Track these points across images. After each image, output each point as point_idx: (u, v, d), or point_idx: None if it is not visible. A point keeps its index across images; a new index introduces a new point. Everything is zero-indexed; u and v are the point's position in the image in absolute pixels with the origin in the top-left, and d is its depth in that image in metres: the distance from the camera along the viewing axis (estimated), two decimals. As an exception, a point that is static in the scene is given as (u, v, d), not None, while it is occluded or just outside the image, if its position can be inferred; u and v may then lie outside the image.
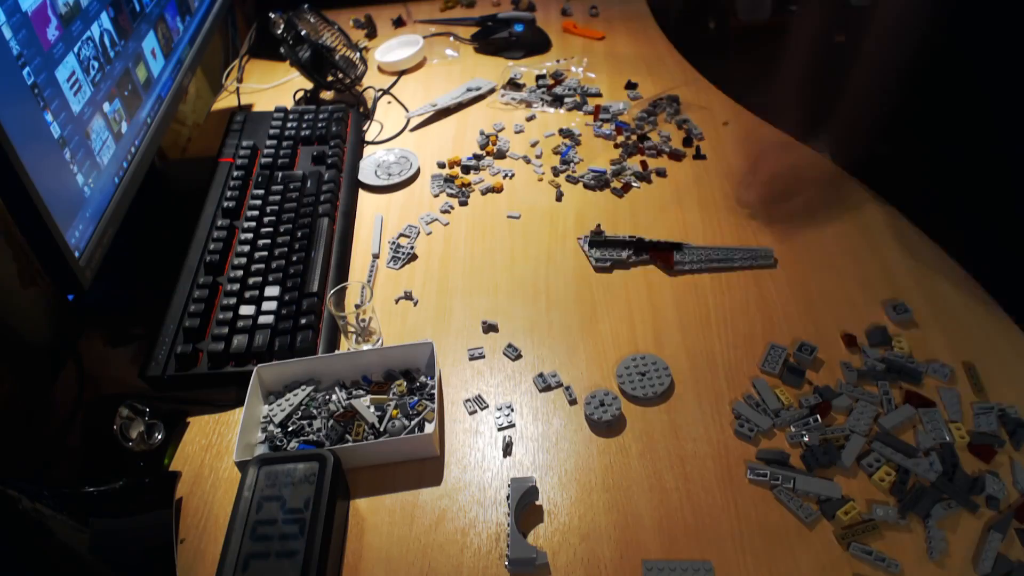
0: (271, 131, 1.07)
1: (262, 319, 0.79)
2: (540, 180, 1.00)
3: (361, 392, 0.73)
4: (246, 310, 0.80)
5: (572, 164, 1.02)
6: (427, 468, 0.68)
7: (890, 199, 0.90)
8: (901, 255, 0.83)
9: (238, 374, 0.75)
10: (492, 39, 1.29)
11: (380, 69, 1.29)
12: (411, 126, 1.13)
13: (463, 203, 0.97)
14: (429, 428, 0.69)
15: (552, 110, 1.13)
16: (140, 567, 0.61)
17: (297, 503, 0.59)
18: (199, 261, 0.88)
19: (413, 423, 0.70)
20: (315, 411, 0.72)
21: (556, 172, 1.01)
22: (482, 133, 1.09)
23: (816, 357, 0.73)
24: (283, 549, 0.56)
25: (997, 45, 0.74)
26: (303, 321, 0.79)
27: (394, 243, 0.92)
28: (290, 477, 0.61)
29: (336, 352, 0.77)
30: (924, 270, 0.81)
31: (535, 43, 1.30)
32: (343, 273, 0.88)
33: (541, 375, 0.75)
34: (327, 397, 0.73)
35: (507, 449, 0.69)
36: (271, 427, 0.70)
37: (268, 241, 0.89)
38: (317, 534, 0.57)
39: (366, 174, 1.03)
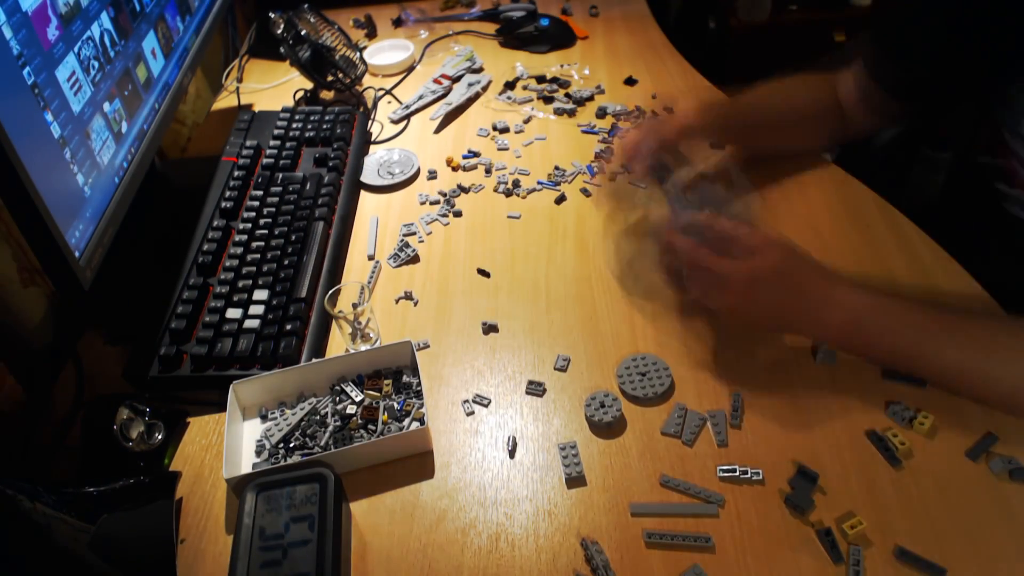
0: (276, 131, 1.07)
1: (248, 323, 0.79)
2: (541, 191, 1.00)
3: (355, 391, 0.73)
4: (233, 313, 0.80)
5: (569, 175, 1.02)
6: (419, 463, 0.69)
7: (891, 199, 0.90)
8: (901, 254, 0.83)
9: (219, 378, 0.75)
10: (517, 33, 1.30)
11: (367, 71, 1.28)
12: (433, 129, 1.13)
13: (457, 214, 0.96)
14: (419, 424, 0.70)
15: (554, 117, 1.13)
16: (140, 567, 0.61)
17: (301, 525, 0.58)
18: (192, 262, 0.88)
19: (406, 422, 0.70)
20: (319, 417, 0.72)
21: (556, 181, 1.00)
22: (481, 134, 1.10)
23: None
24: (294, 573, 0.56)
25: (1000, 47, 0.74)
26: (288, 327, 0.78)
27: (402, 240, 0.92)
28: (290, 500, 0.60)
29: (313, 361, 0.76)
30: (924, 270, 0.81)
31: (561, 37, 1.30)
32: (336, 277, 0.88)
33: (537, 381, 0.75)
34: (336, 401, 0.73)
35: (512, 451, 0.69)
36: (268, 446, 0.70)
37: (262, 244, 0.88)
38: (327, 555, 0.57)
39: (368, 174, 1.03)
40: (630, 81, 1.18)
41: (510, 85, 1.20)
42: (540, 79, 1.20)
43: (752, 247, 0.67)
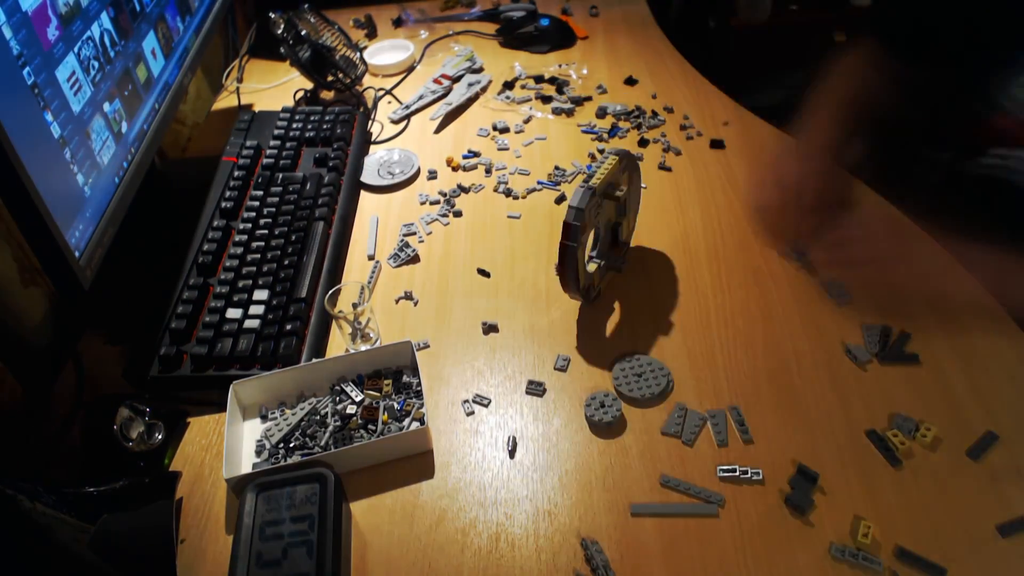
0: (276, 131, 1.07)
1: (248, 323, 0.79)
2: (540, 190, 1.00)
3: (355, 391, 0.73)
4: (233, 313, 0.80)
5: (569, 175, 1.02)
6: (419, 463, 0.69)
7: (890, 198, 0.90)
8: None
9: (219, 378, 0.75)
10: (517, 33, 1.30)
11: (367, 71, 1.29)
12: (433, 129, 1.13)
13: (457, 214, 0.96)
14: (419, 424, 0.70)
15: (552, 116, 1.13)
16: (140, 567, 0.61)
17: (301, 525, 0.58)
18: (192, 262, 0.87)
19: (405, 422, 0.70)
20: (319, 418, 0.72)
21: (556, 181, 1.00)
22: (482, 134, 1.10)
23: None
24: (294, 573, 0.56)
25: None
26: (288, 327, 0.78)
27: (402, 240, 0.92)
28: (290, 500, 0.60)
29: (313, 361, 0.76)
30: (924, 269, 0.81)
31: (561, 37, 1.31)
32: (336, 277, 0.88)
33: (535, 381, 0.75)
34: (336, 401, 0.73)
35: (512, 452, 0.69)
36: (268, 446, 0.70)
37: (262, 244, 0.88)
38: (327, 555, 0.57)
39: (368, 174, 1.03)
40: (630, 81, 1.18)
41: (509, 85, 1.20)
42: (539, 79, 1.20)
43: None
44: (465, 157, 1.05)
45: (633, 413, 0.71)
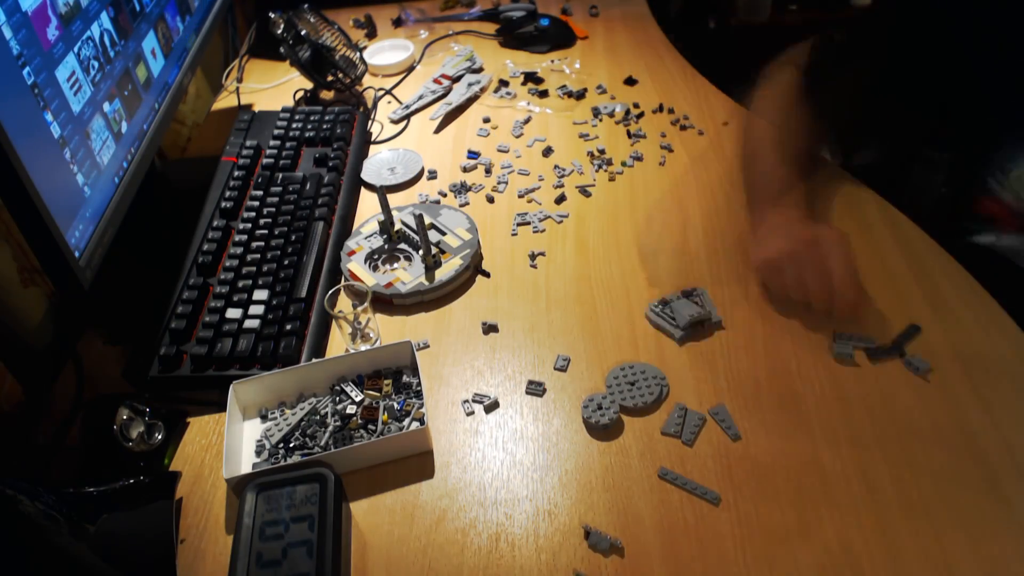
0: (276, 131, 1.07)
1: (248, 323, 0.79)
2: (541, 185, 1.00)
3: (355, 391, 0.73)
4: (233, 313, 0.80)
5: (569, 172, 1.02)
6: (419, 463, 0.69)
7: (891, 199, 0.90)
8: (901, 254, 0.83)
9: (219, 378, 0.75)
10: (517, 33, 1.30)
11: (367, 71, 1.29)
12: (433, 129, 1.13)
13: (464, 204, 0.97)
14: (419, 424, 0.70)
15: (550, 111, 1.13)
16: (140, 567, 0.61)
17: (301, 525, 0.58)
18: (192, 262, 0.87)
19: (405, 422, 0.70)
20: (319, 417, 0.72)
21: (558, 182, 1.01)
22: (482, 133, 1.10)
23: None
24: (294, 573, 0.56)
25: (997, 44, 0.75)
26: (288, 327, 0.78)
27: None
28: (290, 500, 0.60)
29: (313, 361, 0.76)
30: (924, 269, 0.81)
31: (561, 37, 1.31)
32: (336, 278, 0.88)
33: (536, 381, 0.75)
34: (336, 401, 0.73)
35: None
36: (268, 446, 0.70)
37: (261, 244, 0.88)
38: (327, 555, 0.57)
39: (370, 174, 1.03)
40: (630, 81, 1.18)
41: (504, 83, 1.20)
42: (532, 75, 1.21)
43: None
44: (470, 157, 1.05)
45: (633, 413, 0.71)
